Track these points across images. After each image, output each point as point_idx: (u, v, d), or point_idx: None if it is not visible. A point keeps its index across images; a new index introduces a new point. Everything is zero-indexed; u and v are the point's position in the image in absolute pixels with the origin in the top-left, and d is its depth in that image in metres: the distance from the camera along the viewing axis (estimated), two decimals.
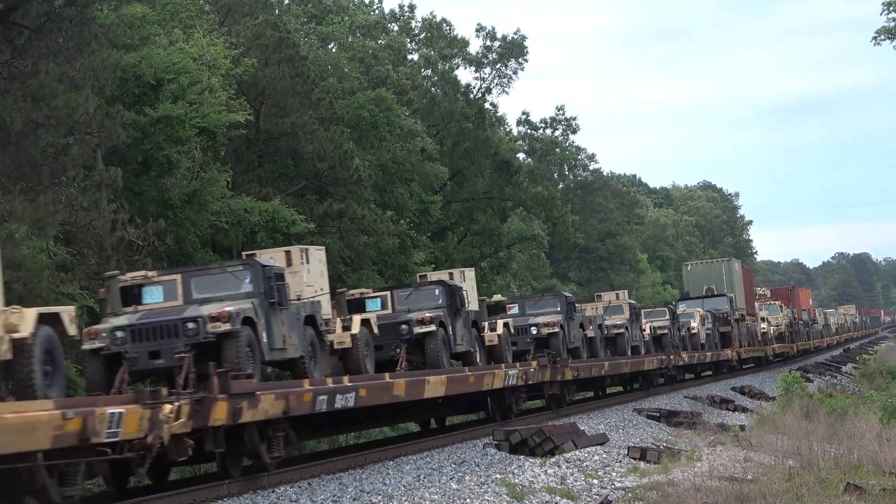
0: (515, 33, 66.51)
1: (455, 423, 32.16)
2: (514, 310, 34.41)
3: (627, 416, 34.94)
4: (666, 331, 47.65)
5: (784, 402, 38.88)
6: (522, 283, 71.61)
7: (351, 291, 27.11)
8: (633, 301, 43.86)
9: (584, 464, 24.03)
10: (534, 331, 33.37)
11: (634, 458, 25.49)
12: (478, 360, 28.40)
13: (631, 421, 33.87)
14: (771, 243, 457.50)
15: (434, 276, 29.55)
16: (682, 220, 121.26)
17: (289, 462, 22.72)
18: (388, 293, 27.06)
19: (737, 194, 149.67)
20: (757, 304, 72.66)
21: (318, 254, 23.49)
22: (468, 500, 18.99)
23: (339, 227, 40.37)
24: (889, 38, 45.91)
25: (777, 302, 77.83)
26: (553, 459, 24.00)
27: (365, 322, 23.78)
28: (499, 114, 68.81)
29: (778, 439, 28.42)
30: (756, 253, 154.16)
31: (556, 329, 33.55)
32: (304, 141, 39.59)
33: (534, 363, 31.15)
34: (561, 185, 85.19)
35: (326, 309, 23.06)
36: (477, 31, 66.86)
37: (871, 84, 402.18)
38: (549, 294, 37.78)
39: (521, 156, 70.69)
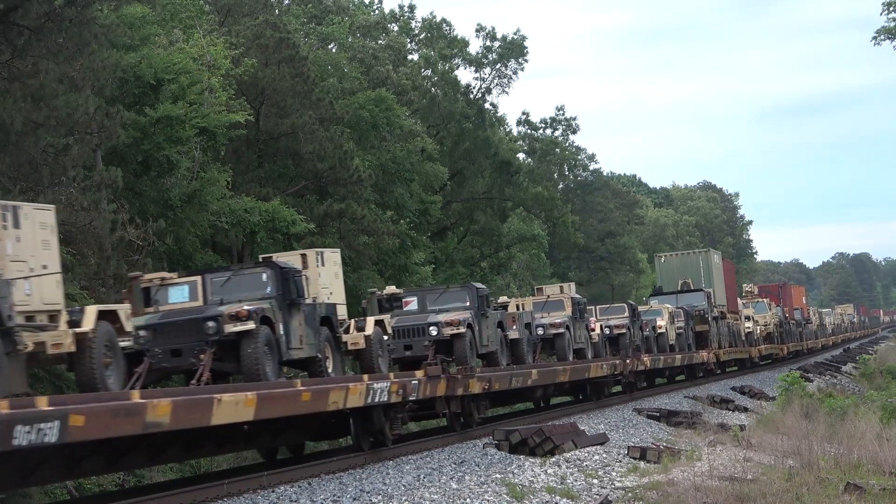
0: (515, 33, 66.64)
1: (317, 452, 25.89)
2: (413, 305, 27.97)
3: (627, 416, 34.94)
4: (624, 330, 41.36)
5: (784, 402, 38.88)
6: (523, 283, 71.64)
7: (147, 276, 20.91)
8: (578, 296, 37.85)
9: (584, 463, 24.03)
10: (433, 331, 26.65)
11: (634, 458, 25.50)
12: (330, 369, 21.91)
13: (631, 421, 33.86)
14: (771, 243, 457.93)
15: (283, 256, 22.93)
16: (682, 220, 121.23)
17: (289, 462, 22.74)
18: (198, 278, 20.64)
19: (737, 194, 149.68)
20: (743, 302, 68.40)
21: (38, 215, 16.66)
22: (468, 499, 18.99)
23: (339, 227, 40.39)
24: (889, 38, 45.94)
25: (765, 299, 73.22)
26: (553, 459, 24.01)
27: (106, 315, 16.88)
28: (499, 114, 69.01)
29: (778, 439, 28.42)
30: (756, 253, 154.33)
31: (463, 329, 26.85)
32: (304, 141, 39.61)
33: (419, 373, 24.52)
34: (561, 185, 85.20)
35: (53, 296, 16.62)
36: (477, 31, 66.98)
37: (871, 84, 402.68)
38: (455, 286, 29.60)
39: (521, 156, 70.79)
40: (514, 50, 66.18)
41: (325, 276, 23.16)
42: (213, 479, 20.27)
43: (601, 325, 40.23)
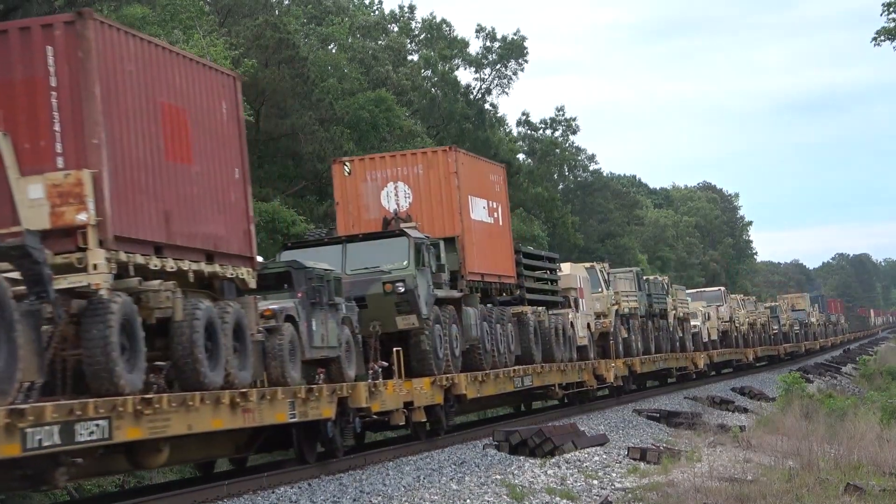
0: (515, 34, 66.68)
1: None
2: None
3: (627, 417, 34.92)
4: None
5: (784, 403, 38.90)
6: None
7: None
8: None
9: (584, 464, 24.04)
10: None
11: (634, 459, 25.50)
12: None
13: (631, 422, 33.86)
14: (771, 244, 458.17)
15: None
16: (681, 221, 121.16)
17: (289, 463, 22.73)
18: None
19: (736, 195, 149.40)
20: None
21: None
22: (468, 500, 18.99)
23: None
24: (889, 39, 45.85)
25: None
26: (553, 460, 24.01)
27: None
28: (499, 114, 69.00)
29: (778, 440, 28.44)
30: (756, 254, 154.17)
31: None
32: (304, 141, 39.64)
33: None
34: (561, 186, 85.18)
35: None
36: (477, 31, 66.98)
37: (872, 83, 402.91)
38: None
39: (521, 156, 70.76)
40: (514, 50, 66.19)
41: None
42: (213, 479, 20.26)
43: None
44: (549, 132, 75.63)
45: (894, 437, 27.98)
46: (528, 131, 74.71)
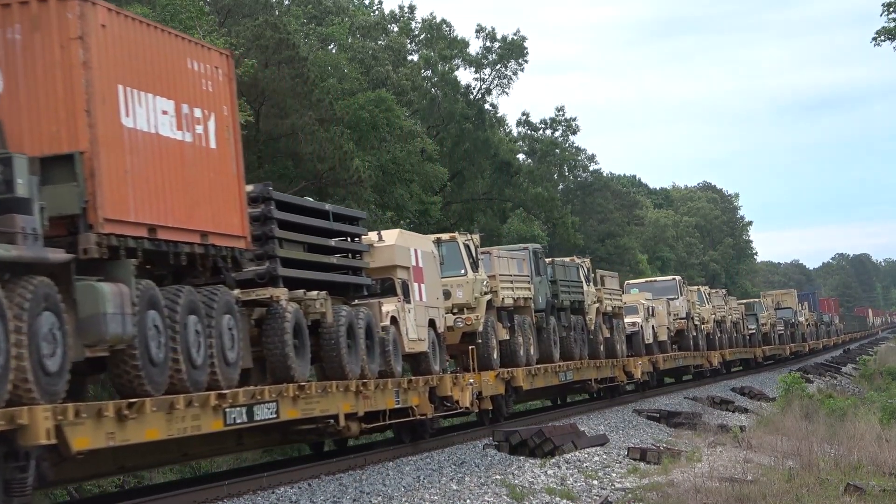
0: (515, 34, 66.66)
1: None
2: None
3: (627, 417, 34.91)
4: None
5: (784, 403, 38.91)
6: None
7: None
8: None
9: (584, 465, 24.04)
10: None
11: (634, 459, 25.51)
12: None
13: (631, 422, 33.85)
14: (771, 244, 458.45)
15: None
16: (681, 221, 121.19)
17: (289, 463, 22.74)
18: None
19: (736, 195, 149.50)
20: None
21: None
22: (468, 500, 19.00)
23: None
24: (889, 39, 45.86)
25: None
26: (553, 460, 24.02)
27: None
28: (499, 114, 69.03)
29: (778, 440, 28.45)
30: (756, 254, 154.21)
31: None
32: (304, 142, 39.62)
33: None
34: (561, 186, 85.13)
35: None
36: (477, 31, 66.95)
37: (872, 83, 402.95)
38: None
39: (520, 157, 70.77)
40: (514, 50, 66.19)
41: None
42: (212, 479, 20.26)
43: None
44: (549, 132, 75.60)
45: (894, 437, 27.97)
46: (528, 131, 74.67)
